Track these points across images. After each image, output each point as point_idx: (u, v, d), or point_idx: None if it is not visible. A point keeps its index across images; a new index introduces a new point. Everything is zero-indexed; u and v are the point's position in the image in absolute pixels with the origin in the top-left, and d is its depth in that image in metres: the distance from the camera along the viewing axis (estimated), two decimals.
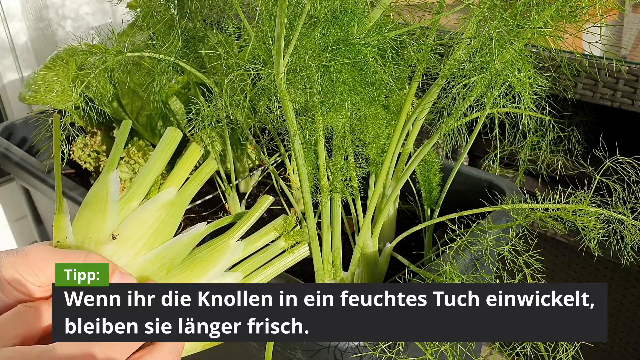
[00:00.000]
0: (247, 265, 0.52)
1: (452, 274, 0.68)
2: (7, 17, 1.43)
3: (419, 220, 0.96)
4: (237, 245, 0.51)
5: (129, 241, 0.46)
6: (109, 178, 0.49)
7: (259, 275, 0.52)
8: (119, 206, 0.48)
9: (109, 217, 0.47)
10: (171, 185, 0.51)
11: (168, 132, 0.52)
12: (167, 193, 0.50)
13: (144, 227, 0.47)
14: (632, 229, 0.70)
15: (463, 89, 0.65)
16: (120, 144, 0.52)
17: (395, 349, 0.65)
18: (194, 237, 0.50)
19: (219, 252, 0.50)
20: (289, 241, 0.54)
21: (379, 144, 0.78)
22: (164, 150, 0.51)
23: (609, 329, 1.15)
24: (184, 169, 0.52)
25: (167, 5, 0.85)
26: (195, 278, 0.48)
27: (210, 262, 0.49)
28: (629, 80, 0.91)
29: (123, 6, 1.00)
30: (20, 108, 1.50)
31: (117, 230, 0.46)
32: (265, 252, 0.53)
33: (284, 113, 0.63)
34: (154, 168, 0.50)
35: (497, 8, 0.59)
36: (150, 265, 0.47)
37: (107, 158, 1.06)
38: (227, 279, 0.50)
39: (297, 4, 0.61)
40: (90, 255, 0.43)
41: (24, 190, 1.25)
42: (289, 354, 0.69)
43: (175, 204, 0.50)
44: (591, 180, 0.71)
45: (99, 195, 0.48)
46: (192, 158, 0.52)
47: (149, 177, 0.50)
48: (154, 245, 0.47)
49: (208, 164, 0.54)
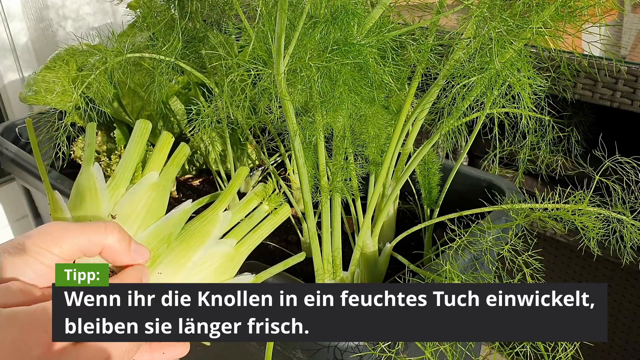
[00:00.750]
0: (238, 231, 0.55)
1: (452, 274, 0.68)
2: (7, 17, 1.43)
3: (418, 220, 0.96)
4: (225, 215, 0.55)
5: (128, 220, 0.49)
6: (91, 170, 0.52)
7: (251, 238, 0.55)
8: (109, 192, 0.51)
9: (102, 201, 0.50)
10: (152, 170, 0.54)
11: (138, 124, 0.57)
12: (150, 177, 0.54)
13: (137, 206, 0.50)
14: (631, 228, 0.70)
15: (463, 89, 0.65)
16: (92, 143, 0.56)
17: (395, 348, 0.65)
18: (184, 212, 0.54)
19: (210, 223, 0.54)
20: (271, 204, 0.58)
21: (378, 144, 0.78)
22: (138, 141, 0.56)
23: (609, 329, 1.15)
24: (161, 155, 0.56)
25: (167, 5, 0.86)
26: (194, 248, 0.51)
27: (205, 232, 0.53)
28: (628, 81, 0.91)
29: (123, 6, 1.00)
30: (20, 108, 1.50)
31: (114, 210, 0.50)
32: (252, 217, 0.57)
33: (284, 113, 0.63)
34: (132, 157, 0.54)
35: (497, 8, 0.59)
36: (151, 240, 0.49)
37: (107, 158, 1.06)
38: (222, 246, 0.53)
39: (297, 4, 0.61)
40: (108, 222, 0.45)
41: (24, 190, 1.25)
42: (289, 354, 0.69)
43: (160, 185, 0.53)
44: (590, 180, 0.71)
45: (87, 185, 0.51)
46: (166, 144, 0.56)
47: (129, 166, 0.53)
48: (149, 222, 0.51)
49: (182, 148, 0.58)
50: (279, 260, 0.61)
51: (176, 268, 0.49)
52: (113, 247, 0.43)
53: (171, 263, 0.49)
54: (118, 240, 0.44)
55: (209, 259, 0.51)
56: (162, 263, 0.49)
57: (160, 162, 0.55)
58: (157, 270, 0.49)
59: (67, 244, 0.41)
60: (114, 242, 0.43)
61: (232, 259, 0.53)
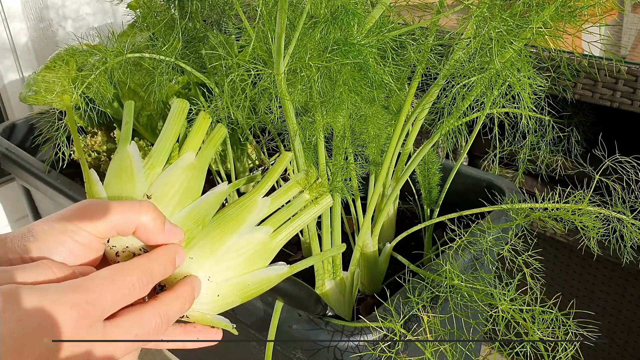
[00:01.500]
0: (275, 219, 0.54)
1: (452, 274, 0.68)
2: (7, 17, 1.43)
3: (418, 220, 0.96)
4: (264, 201, 0.54)
5: (163, 200, 0.48)
6: (127, 149, 0.51)
7: (288, 228, 0.54)
8: (145, 172, 0.50)
9: (137, 181, 0.49)
10: (188, 150, 0.53)
11: (176, 103, 0.55)
12: (186, 157, 0.52)
13: (174, 187, 0.49)
14: (631, 227, 0.70)
15: (463, 89, 0.65)
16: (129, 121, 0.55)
17: (395, 348, 0.65)
18: (219, 194, 0.53)
19: (248, 208, 0.52)
20: (312, 193, 0.56)
21: (378, 144, 0.78)
22: (175, 120, 0.54)
23: (609, 329, 1.15)
24: (198, 135, 0.54)
25: (167, 5, 0.86)
26: (228, 233, 0.50)
27: (241, 218, 0.52)
28: (628, 81, 0.91)
29: (124, 7, 1.00)
30: (20, 108, 1.50)
31: (150, 191, 0.49)
32: (291, 205, 0.55)
33: (284, 113, 0.63)
34: (170, 136, 0.53)
35: (497, 8, 0.59)
36: (186, 221, 0.49)
37: (107, 158, 1.06)
38: (258, 233, 0.52)
39: (297, 4, 0.61)
40: (142, 201, 0.44)
41: (24, 190, 1.25)
42: (289, 354, 0.69)
43: (196, 166, 0.52)
44: (590, 179, 0.71)
45: (123, 165, 0.50)
46: (203, 125, 0.55)
47: (167, 145, 0.52)
48: (185, 203, 0.50)
49: (219, 129, 0.56)
50: (279, 260, 0.61)
51: (208, 253, 0.49)
52: (148, 225, 0.43)
53: (204, 247, 0.49)
54: (153, 219, 0.43)
55: (243, 246, 0.51)
56: (195, 247, 0.49)
57: (197, 142, 0.54)
58: (189, 255, 0.48)
59: (101, 222, 0.41)
60: (148, 221, 0.43)
61: (266, 247, 0.52)
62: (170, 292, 0.44)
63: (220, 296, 0.48)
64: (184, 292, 0.44)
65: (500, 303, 0.64)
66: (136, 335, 0.39)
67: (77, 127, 1.07)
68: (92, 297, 0.37)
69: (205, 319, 0.48)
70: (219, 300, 0.48)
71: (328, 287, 0.78)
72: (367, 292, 0.87)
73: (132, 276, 0.40)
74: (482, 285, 0.66)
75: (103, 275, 0.39)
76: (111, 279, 0.39)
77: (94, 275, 0.38)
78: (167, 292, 0.44)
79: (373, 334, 0.66)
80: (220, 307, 0.49)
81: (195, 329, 0.48)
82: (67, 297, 0.36)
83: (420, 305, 0.68)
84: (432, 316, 0.68)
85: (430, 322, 0.67)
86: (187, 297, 0.44)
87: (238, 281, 0.49)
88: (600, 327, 1.17)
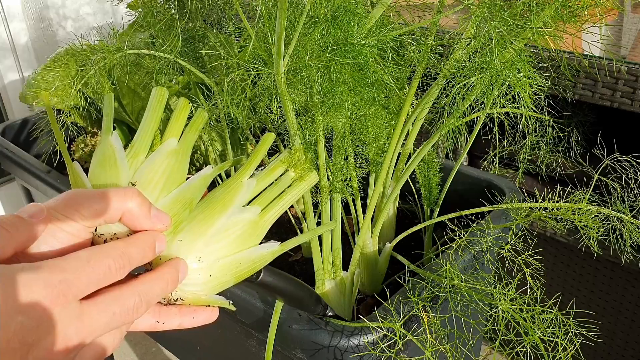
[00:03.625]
0: (263, 199, 0.54)
1: (452, 274, 0.68)
2: (7, 17, 1.43)
3: (418, 220, 0.96)
4: (249, 182, 0.54)
5: (148, 186, 0.49)
6: (109, 139, 0.51)
7: (276, 206, 0.54)
8: (128, 160, 0.50)
9: (121, 171, 0.49)
10: (170, 137, 0.53)
11: (155, 91, 0.55)
12: (169, 144, 0.53)
13: (157, 173, 0.50)
14: (631, 227, 0.70)
15: (463, 89, 0.65)
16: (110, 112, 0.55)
17: (395, 348, 0.65)
18: (204, 178, 0.53)
19: (234, 189, 0.53)
20: (297, 171, 0.56)
21: (378, 144, 0.78)
22: (155, 108, 0.54)
23: (609, 329, 1.15)
24: (179, 121, 0.55)
25: (167, 5, 0.86)
26: (217, 215, 0.50)
27: (228, 199, 0.52)
28: (628, 81, 0.91)
29: (124, 6, 1.00)
30: (20, 108, 1.50)
31: (134, 178, 0.49)
32: (277, 184, 0.55)
33: (284, 113, 0.63)
34: (151, 124, 0.53)
35: (497, 8, 0.59)
36: (172, 206, 0.49)
37: None
38: (246, 213, 0.52)
39: (297, 4, 0.61)
40: (127, 187, 0.45)
41: (24, 190, 1.25)
42: (289, 354, 0.69)
43: (179, 151, 0.52)
44: (590, 179, 0.71)
45: (106, 155, 0.50)
46: (184, 111, 0.55)
47: (148, 132, 0.52)
48: (170, 188, 0.50)
49: (200, 113, 0.57)
50: (278, 260, 0.61)
51: (197, 235, 0.49)
52: (133, 212, 0.43)
53: (192, 230, 0.49)
54: (138, 205, 0.43)
55: (232, 226, 0.51)
56: (183, 230, 0.49)
57: (179, 128, 0.54)
58: (178, 238, 0.48)
59: (87, 211, 0.41)
60: (133, 207, 0.43)
61: (256, 226, 0.52)
62: (152, 272, 0.44)
63: (213, 276, 0.49)
64: (165, 273, 0.44)
65: (500, 303, 0.64)
66: (114, 313, 0.39)
67: (77, 126, 1.07)
68: (67, 276, 0.37)
69: (200, 299, 0.48)
70: (212, 281, 0.49)
71: (328, 287, 0.78)
72: (367, 292, 0.87)
73: (109, 259, 0.40)
74: (482, 285, 0.66)
75: (79, 256, 0.39)
76: (87, 260, 0.39)
77: (70, 255, 0.39)
78: (148, 273, 0.44)
79: (373, 334, 0.66)
80: (214, 287, 0.49)
81: (191, 308, 0.48)
82: (41, 276, 0.36)
83: (420, 305, 0.68)
84: (432, 316, 0.68)
85: (430, 322, 0.67)
86: (169, 278, 0.44)
87: (230, 260, 0.50)
88: (600, 327, 1.16)
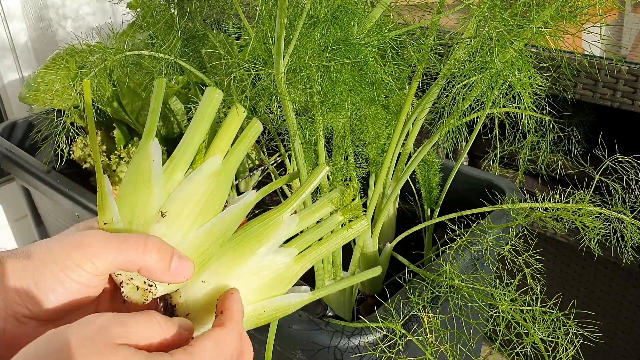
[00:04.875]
0: (302, 241, 0.48)
1: (452, 274, 0.68)
2: (7, 17, 1.43)
3: (419, 220, 0.96)
4: (291, 219, 0.48)
5: (179, 218, 0.43)
6: (149, 147, 0.45)
7: (315, 252, 0.48)
8: (164, 178, 0.44)
9: (154, 192, 0.43)
10: (215, 153, 0.47)
11: (207, 92, 0.47)
12: (212, 162, 0.46)
13: (192, 201, 0.44)
14: (631, 227, 0.70)
15: (463, 89, 0.65)
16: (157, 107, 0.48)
17: (395, 348, 0.65)
18: (246, 206, 0.47)
19: (272, 226, 0.47)
20: (346, 215, 0.50)
21: (379, 143, 0.78)
22: (204, 115, 0.47)
23: (609, 329, 1.15)
24: (228, 135, 0.47)
25: (167, 5, 0.85)
26: (248, 254, 0.45)
27: (264, 236, 0.46)
28: (628, 80, 0.91)
29: (123, 6, 1.00)
30: (20, 108, 1.50)
31: (165, 206, 0.43)
32: (321, 226, 0.49)
33: (284, 113, 0.63)
34: (196, 135, 0.46)
35: (497, 8, 0.59)
36: (203, 241, 0.44)
37: (106, 158, 1.06)
38: (281, 255, 0.47)
39: (297, 4, 0.61)
40: (149, 238, 0.41)
41: (24, 190, 1.25)
42: (289, 354, 0.69)
43: (222, 173, 0.46)
44: (591, 179, 0.71)
45: (141, 168, 0.44)
46: (235, 122, 0.48)
47: (192, 145, 0.46)
48: (204, 219, 0.44)
49: (252, 126, 0.49)
50: None
51: (222, 277, 0.44)
52: (151, 267, 0.41)
53: (218, 271, 0.44)
54: (157, 260, 0.41)
55: (263, 269, 0.45)
56: (209, 269, 0.44)
57: (227, 143, 0.47)
58: (201, 279, 0.44)
59: (102, 262, 0.40)
60: (151, 263, 0.41)
61: (288, 271, 0.47)
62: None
63: None
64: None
65: (501, 303, 0.64)
66: None
67: (77, 126, 1.06)
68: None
69: None
70: None
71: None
72: (367, 292, 0.87)
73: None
74: (483, 286, 0.66)
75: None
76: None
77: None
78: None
79: (373, 334, 0.65)
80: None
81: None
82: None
83: (420, 306, 0.68)
84: (432, 316, 0.67)
85: (430, 323, 0.67)
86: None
87: (253, 308, 0.45)
88: (601, 327, 1.16)
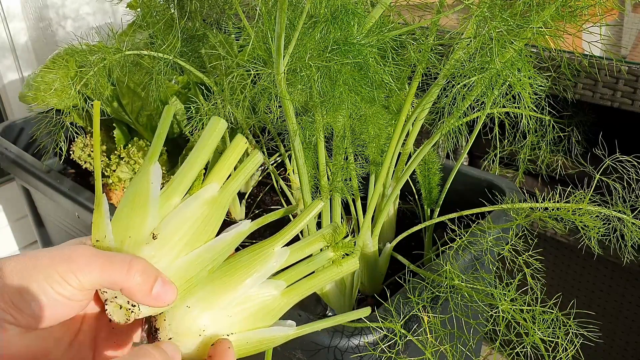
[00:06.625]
0: (291, 274, 0.49)
1: (452, 274, 0.68)
2: (7, 17, 1.43)
3: (419, 220, 0.96)
4: (282, 252, 0.49)
5: (170, 242, 0.44)
6: (150, 170, 0.46)
7: (303, 286, 0.49)
8: (160, 202, 0.45)
9: (149, 214, 0.44)
10: (214, 180, 0.48)
11: (212, 122, 0.48)
12: (209, 189, 0.47)
13: (185, 226, 0.45)
14: (631, 227, 0.70)
15: (463, 89, 0.65)
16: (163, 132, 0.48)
17: (395, 348, 0.65)
18: (238, 235, 0.48)
19: (262, 257, 0.47)
20: (337, 252, 0.51)
21: (379, 144, 0.78)
22: (207, 143, 0.48)
23: (609, 329, 1.15)
24: (228, 164, 0.48)
25: (167, 5, 0.85)
26: (235, 283, 0.46)
27: (253, 267, 0.47)
28: (628, 80, 0.91)
29: (123, 6, 1.00)
30: (20, 108, 1.50)
31: (158, 229, 0.44)
32: (311, 261, 0.50)
33: (284, 113, 0.63)
34: (197, 162, 0.47)
35: (497, 8, 0.59)
36: (191, 266, 0.45)
37: (106, 158, 1.06)
38: (269, 287, 0.47)
39: (297, 4, 0.61)
40: (134, 259, 0.42)
41: (24, 190, 1.25)
42: (289, 354, 0.69)
43: (218, 200, 0.47)
44: (591, 179, 0.71)
45: (139, 190, 0.45)
46: (237, 152, 0.49)
47: (192, 171, 0.47)
48: (195, 245, 0.45)
49: (253, 158, 0.50)
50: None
51: (207, 305, 0.44)
52: (133, 289, 0.42)
53: (204, 298, 0.45)
54: (139, 283, 0.41)
55: (250, 300, 0.46)
56: (194, 296, 0.45)
57: (226, 171, 0.48)
58: (186, 304, 0.44)
59: (86, 278, 0.40)
60: (133, 285, 0.41)
61: (275, 303, 0.47)
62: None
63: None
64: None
65: (501, 303, 0.64)
66: None
67: (77, 126, 1.06)
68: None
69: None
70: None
71: (328, 287, 0.78)
72: (367, 292, 0.87)
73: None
74: (483, 286, 0.66)
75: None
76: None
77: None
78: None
79: (373, 334, 0.65)
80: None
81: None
82: None
83: (420, 306, 0.68)
84: (432, 316, 0.67)
85: (430, 323, 0.67)
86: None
87: (237, 338, 0.45)
88: (601, 327, 1.16)
